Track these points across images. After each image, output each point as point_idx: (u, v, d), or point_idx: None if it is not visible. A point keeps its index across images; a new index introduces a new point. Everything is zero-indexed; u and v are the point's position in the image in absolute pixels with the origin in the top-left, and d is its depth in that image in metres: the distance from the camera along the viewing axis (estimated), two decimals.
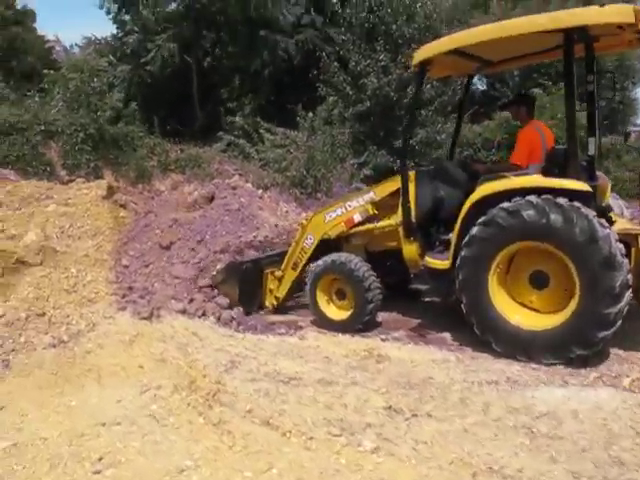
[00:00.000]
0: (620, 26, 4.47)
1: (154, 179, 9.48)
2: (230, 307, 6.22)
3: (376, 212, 6.03)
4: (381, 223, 5.95)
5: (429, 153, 10.37)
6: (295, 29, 11.95)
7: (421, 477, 3.14)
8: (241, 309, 6.22)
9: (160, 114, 11.65)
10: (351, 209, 6.10)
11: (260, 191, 8.66)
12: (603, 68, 16.93)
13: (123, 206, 7.67)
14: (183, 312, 6.11)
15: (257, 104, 12.49)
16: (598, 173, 5.19)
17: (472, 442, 3.52)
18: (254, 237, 7.34)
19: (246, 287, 6.44)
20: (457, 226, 5.17)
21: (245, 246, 7.19)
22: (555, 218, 4.55)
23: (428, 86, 10.32)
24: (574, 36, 4.63)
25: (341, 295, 5.95)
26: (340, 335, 5.58)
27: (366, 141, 10.44)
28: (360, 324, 5.71)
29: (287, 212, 8.86)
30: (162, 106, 11.97)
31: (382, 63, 10.09)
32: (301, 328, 5.89)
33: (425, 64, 5.39)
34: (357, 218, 6.04)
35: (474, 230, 4.90)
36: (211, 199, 8.54)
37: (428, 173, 5.82)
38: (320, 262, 6.00)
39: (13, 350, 4.99)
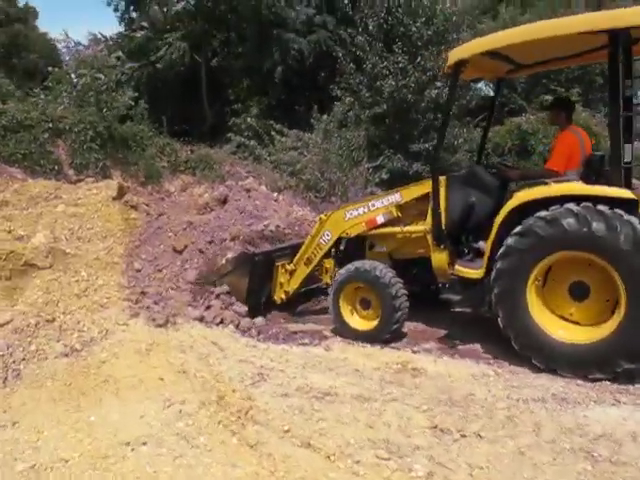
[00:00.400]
0: None
1: (163, 180, 9.17)
2: (229, 307, 5.98)
3: (400, 215, 5.77)
4: (408, 228, 5.70)
5: (446, 158, 10.12)
6: (308, 29, 11.69)
7: None
8: (254, 315, 5.96)
9: (167, 114, 11.34)
10: (374, 209, 5.85)
11: (275, 194, 8.37)
12: None
13: (134, 207, 7.37)
14: (200, 319, 5.82)
15: (266, 105, 12.19)
16: (633, 181, 4.97)
17: (530, 467, 3.25)
18: (265, 227, 7.05)
19: (255, 281, 6.19)
20: (492, 234, 4.95)
21: (256, 236, 6.91)
22: (597, 226, 4.32)
23: (445, 90, 10.09)
24: (620, 37, 4.38)
25: (365, 304, 5.68)
26: (368, 346, 5.29)
27: (381, 144, 10.18)
28: (387, 334, 5.44)
29: (302, 215, 8.57)
30: (170, 105, 11.68)
31: (400, 65, 9.83)
32: (325, 338, 5.60)
33: (460, 65, 5.15)
34: (380, 219, 5.80)
35: (510, 240, 4.68)
36: (224, 201, 8.26)
37: (459, 178, 5.59)
38: (343, 270, 5.73)
39: (24, 359, 4.69)
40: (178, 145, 9.74)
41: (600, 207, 4.35)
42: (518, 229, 4.63)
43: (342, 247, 6.25)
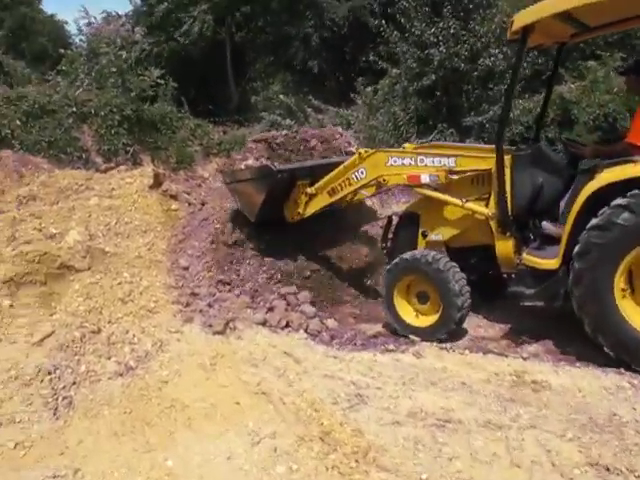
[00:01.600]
0: None
1: (196, 165, 8.42)
2: (295, 308, 5.34)
3: (449, 184, 5.04)
4: (469, 205, 4.95)
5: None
6: None
7: None
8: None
9: (190, 93, 10.56)
10: (422, 165, 5.12)
11: None
12: None
13: (174, 197, 6.62)
14: (263, 324, 5.12)
15: (294, 80, 11.37)
16: None
17: None
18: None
19: (272, 198, 5.66)
20: (570, 221, 4.29)
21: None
22: None
23: (500, 58, 9.24)
24: None
25: (423, 298, 5.02)
26: (466, 352, 4.57)
27: (429, 119, 9.34)
28: (446, 332, 4.80)
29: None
30: (193, 84, 10.86)
31: (452, 31, 8.93)
32: (411, 342, 4.87)
33: (528, 30, 4.44)
34: (424, 179, 5.09)
35: (588, 235, 4.07)
36: None
37: (525, 157, 4.88)
38: (398, 260, 5.05)
39: (74, 383, 4.00)
40: (210, 126, 8.95)
41: None
42: (595, 221, 4.03)
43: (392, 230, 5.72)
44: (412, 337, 4.90)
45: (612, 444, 3.19)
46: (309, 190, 5.73)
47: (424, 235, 5.35)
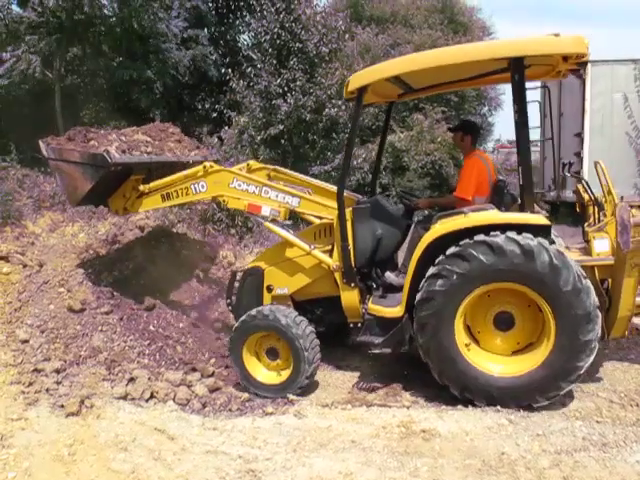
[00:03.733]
0: (566, 57, 4.29)
1: (25, 220, 7.49)
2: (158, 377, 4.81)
3: (285, 221, 5.12)
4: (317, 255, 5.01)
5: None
6: (184, 44, 10.48)
7: None
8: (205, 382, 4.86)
9: (13, 139, 9.49)
10: (265, 197, 5.05)
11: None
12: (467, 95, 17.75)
13: (4, 258, 5.76)
14: (125, 397, 4.55)
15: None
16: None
17: None
18: None
19: (100, 188, 5.23)
20: (410, 268, 4.57)
21: None
22: (542, 262, 4.08)
23: (343, 109, 9.60)
24: (523, 63, 4.28)
25: (273, 355, 4.92)
26: (348, 406, 4.45)
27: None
28: (298, 388, 4.72)
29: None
30: (16, 129, 9.77)
31: (298, 83, 9.06)
32: (290, 402, 4.63)
33: (363, 90, 4.77)
34: (265, 211, 5.02)
35: (428, 284, 4.32)
36: (112, 243, 6.90)
37: (364, 210, 5.08)
38: (246, 318, 4.86)
39: None
40: (40, 176, 8.05)
41: (541, 240, 4.17)
42: (456, 250, 4.28)
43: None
44: (290, 396, 4.69)
45: None
46: (141, 188, 5.30)
47: (269, 289, 5.26)
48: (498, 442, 3.75)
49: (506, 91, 21.25)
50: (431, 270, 4.33)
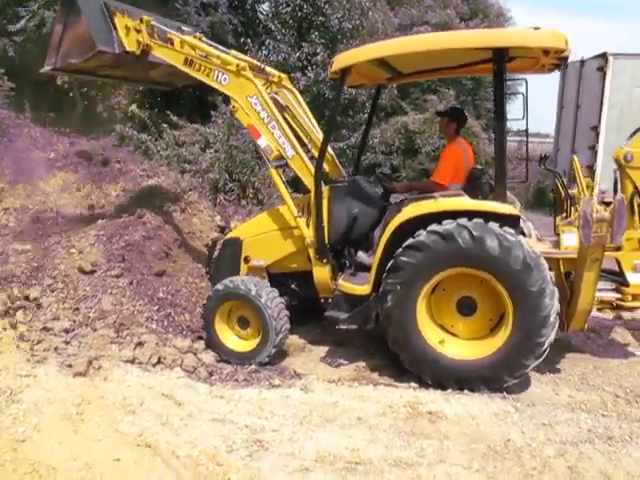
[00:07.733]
0: (546, 51, 4.34)
1: (37, 178, 7.44)
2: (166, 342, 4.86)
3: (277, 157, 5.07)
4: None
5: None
6: (203, 9, 10.30)
7: None
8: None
9: (28, 97, 9.38)
10: (270, 129, 5.02)
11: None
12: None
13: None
14: (132, 361, 4.57)
15: (143, 92, 10.69)
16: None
17: None
18: None
19: None
20: (379, 249, 4.67)
21: None
22: (491, 245, 4.19)
23: (361, 90, 9.46)
24: (505, 55, 4.34)
25: (244, 323, 5.07)
26: (356, 384, 4.47)
27: None
28: (267, 357, 4.88)
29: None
30: (31, 87, 9.66)
31: (319, 57, 8.94)
32: (296, 375, 4.65)
33: (346, 71, 4.82)
34: (261, 142, 5.07)
35: (401, 254, 4.43)
36: (124, 206, 6.87)
37: (342, 189, 5.19)
38: (219, 286, 5.02)
39: None
40: (54, 136, 7.99)
41: (491, 224, 4.27)
42: (410, 242, 4.39)
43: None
44: (296, 370, 4.72)
45: (515, 471, 3.28)
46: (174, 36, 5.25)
47: (246, 261, 5.38)
48: (504, 428, 3.76)
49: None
50: (390, 263, 4.45)
